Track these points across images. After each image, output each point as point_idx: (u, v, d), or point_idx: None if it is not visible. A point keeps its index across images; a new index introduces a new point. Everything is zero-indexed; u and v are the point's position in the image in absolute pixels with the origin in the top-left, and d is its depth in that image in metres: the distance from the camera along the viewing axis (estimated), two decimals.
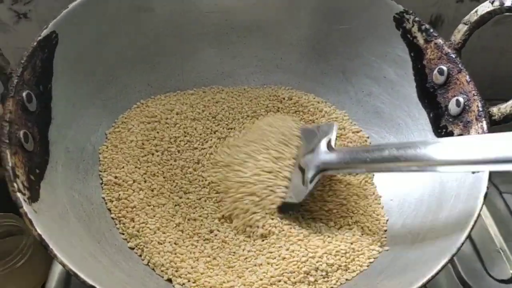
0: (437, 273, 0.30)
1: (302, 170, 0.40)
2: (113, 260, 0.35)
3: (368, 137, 0.47)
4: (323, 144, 0.40)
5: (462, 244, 0.31)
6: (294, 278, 0.36)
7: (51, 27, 0.38)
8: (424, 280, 0.30)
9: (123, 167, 0.41)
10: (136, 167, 0.41)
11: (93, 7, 0.41)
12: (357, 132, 0.47)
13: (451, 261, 0.31)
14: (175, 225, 0.39)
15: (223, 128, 0.46)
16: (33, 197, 0.31)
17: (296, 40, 0.49)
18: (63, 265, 0.28)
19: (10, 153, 0.31)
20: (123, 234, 0.38)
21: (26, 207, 0.29)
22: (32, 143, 0.34)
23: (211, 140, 0.45)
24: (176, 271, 0.36)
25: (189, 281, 0.36)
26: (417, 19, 0.43)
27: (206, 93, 0.49)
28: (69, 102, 0.40)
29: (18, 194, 0.30)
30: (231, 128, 0.47)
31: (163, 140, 0.44)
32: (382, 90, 0.46)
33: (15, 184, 0.30)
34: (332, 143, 0.40)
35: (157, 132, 0.44)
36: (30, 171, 0.33)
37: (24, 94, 0.34)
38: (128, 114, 0.45)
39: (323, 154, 0.39)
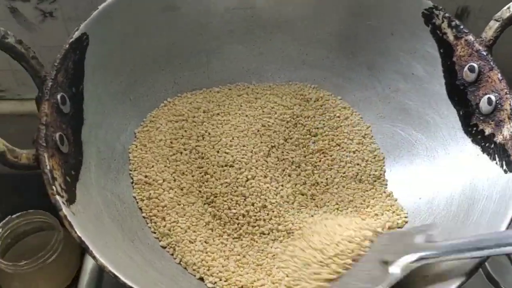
0: (470, 276, 0.30)
1: (385, 262, 0.33)
2: (146, 259, 0.35)
3: (383, 158, 0.46)
4: (419, 237, 0.34)
5: None
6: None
7: (82, 29, 0.38)
8: (458, 283, 0.30)
9: (152, 166, 0.42)
10: (165, 166, 0.42)
11: (121, 8, 0.41)
12: (373, 151, 0.46)
13: (482, 264, 0.31)
14: (204, 223, 0.40)
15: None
16: (71, 199, 0.32)
17: (323, 36, 0.49)
18: (103, 267, 0.28)
19: (47, 156, 0.32)
20: (155, 233, 0.39)
21: (65, 210, 0.30)
22: (67, 145, 0.34)
23: None
24: (208, 269, 0.37)
25: (220, 279, 0.36)
26: (447, 15, 0.42)
27: (232, 91, 0.49)
28: (99, 102, 0.40)
29: (57, 197, 0.30)
30: None
31: (190, 138, 0.44)
32: (410, 86, 0.46)
33: (54, 187, 0.31)
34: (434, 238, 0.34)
35: (185, 131, 0.45)
36: (66, 173, 0.33)
37: (58, 96, 0.35)
38: (156, 112, 0.46)
39: (422, 243, 0.33)
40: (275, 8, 0.48)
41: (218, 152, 0.44)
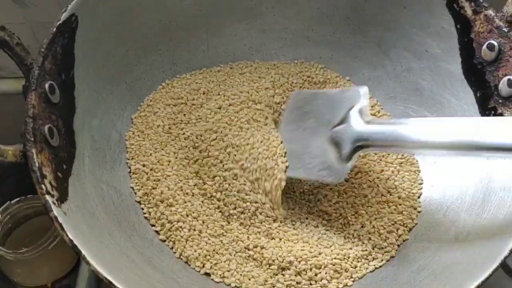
0: (488, 278, 0.28)
1: (336, 144, 0.36)
2: (145, 255, 0.34)
3: None
4: (355, 114, 0.35)
5: None
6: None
7: (70, 10, 0.35)
8: (476, 284, 0.28)
9: (150, 154, 0.40)
10: (163, 154, 0.40)
11: None
12: None
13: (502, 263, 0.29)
14: (207, 214, 0.38)
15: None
16: (62, 198, 0.30)
17: (329, 10, 0.46)
18: (97, 272, 0.27)
19: (36, 151, 0.30)
20: (154, 225, 0.37)
21: (55, 211, 0.28)
22: (57, 138, 0.32)
23: None
24: (215, 264, 0.35)
25: (228, 273, 0.35)
26: None
27: (234, 69, 0.47)
28: (92, 88, 0.38)
29: (47, 197, 0.29)
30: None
31: (189, 122, 0.42)
32: (423, 65, 0.43)
33: (43, 186, 0.29)
34: (367, 112, 0.35)
35: (184, 115, 0.43)
36: (57, 167, 0.31)
37: (46, 85, 0.32)
38: (154, 96, 0.43)
39: (360, 126, 0.35)
40: None
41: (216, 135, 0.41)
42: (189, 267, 0.35)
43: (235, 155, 0.39)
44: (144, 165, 0.39)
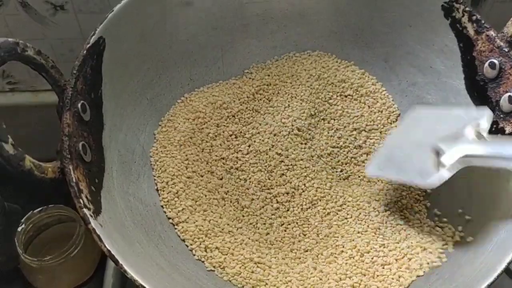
0: (493, 282, 0.30)
1: (437, 153, 0.35)
2: (171, 263, 0.36)
3: None
4: (469, 130, 0.35)
5: None
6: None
7: (99, 33, 0.38)
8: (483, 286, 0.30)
9: (172, 171, 0.42)
10: (185, 169, 0.42)
11: (136, 8, 0.41)
12: None
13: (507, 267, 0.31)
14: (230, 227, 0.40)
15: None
16: (97, 210, 0.32)
17: (338, 29, 0.48)
18: (134, 280, 0.29)
19: (72, 168, 0.32)
20: (179, 233, 0.39)
21: (93, 223, 0.30)
22: (89, 154, 0.35)
23: None
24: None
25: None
26: (467, 9, 0.41)
27: None
28: (117, 105, 0.40)
29: (85, 210, 0.31)
30: None
31: (208, 135, 0.44)
32: (428, 80, 0.45)
33: (81, 200, 0.31)
34: (483, 133, 0.35)
35: (203, 128, 0.45)
36: (91, 182, 0.34)
37: (79, 105, 0.35)
38: (174, 111, 0.45)
39: (470, 141, 0.34)
40: (290, 1, 0.47)
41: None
42: (213, 272, 0.37)
43: None
44: (167, 183, 0.41)
